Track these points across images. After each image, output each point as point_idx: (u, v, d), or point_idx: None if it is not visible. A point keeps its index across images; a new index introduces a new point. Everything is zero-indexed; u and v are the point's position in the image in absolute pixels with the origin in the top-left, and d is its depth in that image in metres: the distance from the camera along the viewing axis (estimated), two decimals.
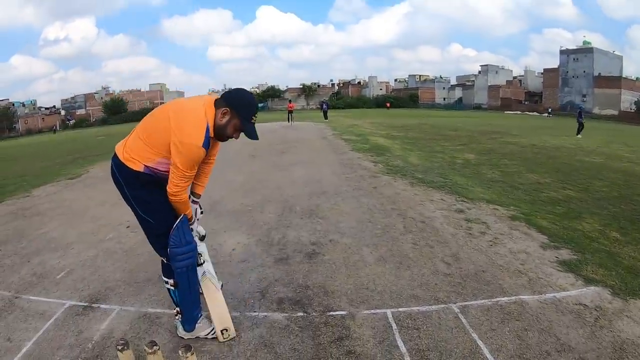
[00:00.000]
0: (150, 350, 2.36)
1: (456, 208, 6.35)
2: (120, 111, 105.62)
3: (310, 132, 22.67)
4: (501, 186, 8.11)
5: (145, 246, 4.86)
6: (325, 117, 35.89)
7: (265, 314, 3.34)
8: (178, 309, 3.00)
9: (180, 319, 3.01)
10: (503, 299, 3.48)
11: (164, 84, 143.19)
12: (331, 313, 3.31)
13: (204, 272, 3.02)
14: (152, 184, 2.76)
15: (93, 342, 2.97)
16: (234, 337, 3.01)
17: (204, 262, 3.05)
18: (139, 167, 2.70)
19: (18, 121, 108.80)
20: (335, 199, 6.93)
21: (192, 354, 2.35)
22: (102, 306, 3.51)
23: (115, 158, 2.78)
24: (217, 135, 2.77)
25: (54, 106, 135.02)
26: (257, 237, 5.14)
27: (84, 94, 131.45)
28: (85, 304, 3.54)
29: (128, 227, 5.74)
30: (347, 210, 6.22)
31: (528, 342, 2.88)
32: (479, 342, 2.86)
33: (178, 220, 2.78)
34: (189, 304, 2.95)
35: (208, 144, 2.68)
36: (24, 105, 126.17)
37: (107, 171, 9.39)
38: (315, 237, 5.06)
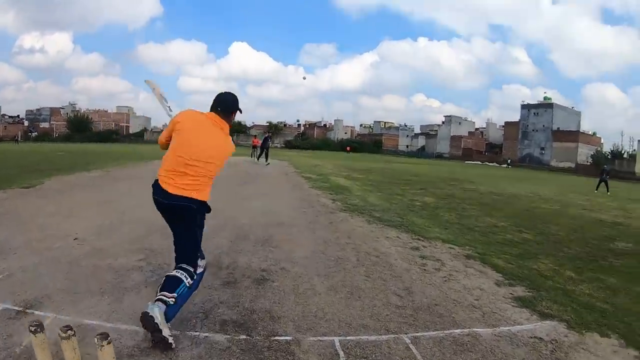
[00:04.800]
0: (64, 335, 2.29)
1: (411, 245, 6.32)
2: (84, 129, 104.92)
3: (273, 168, 22.63)
4: (458, 228, 8.16)
5: (91, 258, 4.75)
6: (259, 157, 28.61)
7: (207, 334, 3.16)
8: (175, 295, 3.12)
9: (169, 311, 3.05)
10: (456, 330, 3.42)
11: (132, 108, 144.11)
12: (276, 338, 3.15)
13: None
14: None
15: (22, 346, 2.78)
16: None
17: None
18: (208, 198, 3.62)
19: None
20: (290, 230, 6.83)
21: (108, 343, 2.31)
22: (37, 312, 3.31)
23: (193, 201, 3.44)
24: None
25: (18, 115, 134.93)
26: (206, 260, 4.96)
27: (50, 108, 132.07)
28: (19, 309, 3.33)
29: (76, 239, 5.53)
30: (301, 241, 6.13)
31: None
32: None
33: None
34: (184, 299, 3.26)
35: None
36: None
37: (61, 183, 9.34)
38: (266, 264, 4.93)
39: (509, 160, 74.94)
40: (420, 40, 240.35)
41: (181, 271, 3.34)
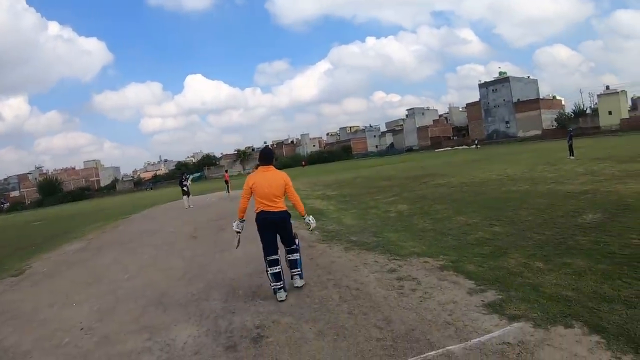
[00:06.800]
0: None
1: (388, 268, 6.76)
2: (55, 192, 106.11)
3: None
4: (432, 235, 8.69)
5: (102, 348, 5.10)
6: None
7: None
8: (299, 269, 6.47)
9: (300, 275, 6.47)
10: (431, 353, 3.84)
11: (99, 161, 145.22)
12: None
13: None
14: None
15: None
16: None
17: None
18: (286, 208, 6.24)
19: None
20: None
21: None
22: None
23: (278, 212, 6.09)
24: None
25: None
26: (205, 327, 5.32)
27: (17, 175, 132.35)
28: None
29: (82, 329, 5.83)
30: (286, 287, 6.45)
31: None
32: None
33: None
34: (301, 263, 6.56)
35: None
36: None
37: (50, 266, 9.71)
38: (259, 320, 5.28)
39: (476, 141, 76.44)
40: (368, 40, 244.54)
41: (295, 254, 6.44)
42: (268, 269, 6.08)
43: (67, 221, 28.62)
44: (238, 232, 6.53)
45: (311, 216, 6.57)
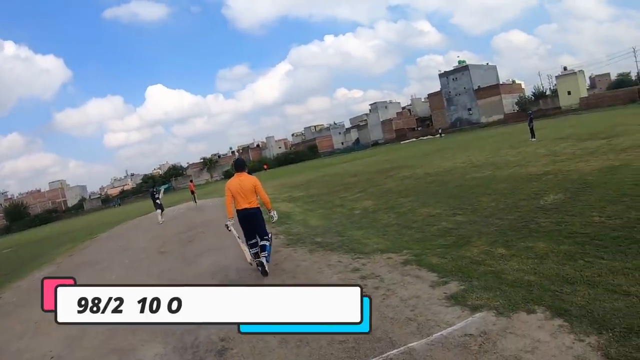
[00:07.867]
0: None
1: (352, 267, 6.76)
2: (22, 217, 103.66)
3: (216, 211, 22.46)
4: (396, 229, 8.73)
5: None
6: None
7: None
8: (266, 253, 7.43)
9: (267, 259, 7.41)
10: (393, 351, 3.83)
11: (64, 181, 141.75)
12: None
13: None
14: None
15: None
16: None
17: None
18: (258, 205, 7.56)
19: None
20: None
21: None
22: None
23: (250, 209, 7.41)
24: None
25: None
26: (172, 344, 5.25)
27: None
28: None
29: (52, 358, 5.76)
30: None
31: None
32: None
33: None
34: (270, 249, 7.64)
35: None
36: None
37: (20, 295, 9.40)
38: (223, 333, 5.20)
39: (440, 130, 77.50)
40: (326, 39, 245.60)
41: (266, 241, 7.52)
42: (250, 250, 7.60)
43: (36, 246, 27.98)
44: (229, 230, 7.78)
45: (274, 211, 7.95)
